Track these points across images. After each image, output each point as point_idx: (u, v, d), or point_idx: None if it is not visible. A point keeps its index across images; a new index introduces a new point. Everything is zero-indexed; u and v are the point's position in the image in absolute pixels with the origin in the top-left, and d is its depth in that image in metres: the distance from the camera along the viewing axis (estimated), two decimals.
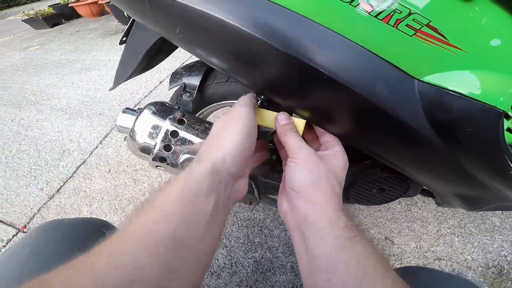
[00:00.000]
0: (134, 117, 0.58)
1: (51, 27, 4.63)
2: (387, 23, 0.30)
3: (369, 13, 0.30)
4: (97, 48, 3.00)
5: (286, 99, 0.38)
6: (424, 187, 0.60)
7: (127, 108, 0.62)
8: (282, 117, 0.40)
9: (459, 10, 0.30)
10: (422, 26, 0.30)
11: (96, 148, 1.43)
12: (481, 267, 0.93)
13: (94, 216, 1.08)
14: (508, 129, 0.44)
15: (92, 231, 0.44)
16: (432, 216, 1.05)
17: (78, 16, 5.01)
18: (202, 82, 0.71)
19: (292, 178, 0.35)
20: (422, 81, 0.32)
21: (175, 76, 0.72)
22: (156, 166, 0.58)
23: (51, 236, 0.40)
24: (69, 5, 4.81)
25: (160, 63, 0.77)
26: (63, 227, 0.42)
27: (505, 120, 0.43)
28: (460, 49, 0.31)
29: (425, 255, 0.94)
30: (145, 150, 0.56)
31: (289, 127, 0.39)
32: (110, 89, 0.74)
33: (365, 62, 0.31)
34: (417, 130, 0.34)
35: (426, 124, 0.34)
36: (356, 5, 0.30)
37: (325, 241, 0.29)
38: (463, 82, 0.31)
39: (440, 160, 0.38)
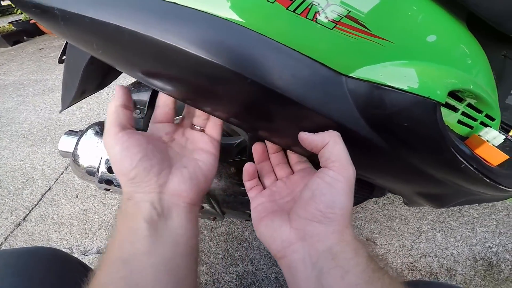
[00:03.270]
0: (76, 139, 0.54)
1: (12, 45, 4.34)
2: (306, 17, 0.28)
3: (287, 8, 0.28)
4: (61, 67, 2.82)
5: (216, 109, 0.36)
6: None
7: (70, 131, 0.58)
8: None
9: None
10: (342, 18, 0.28)
11: (61, 174, 1.36)
12: (469, 260, 0.93)
13: (65, 242, 1.05)
14: (459, 121, 0.44)
15: (38, 261, 0.41)
16: (411, 213, 1.05)
17: (41, 33, 4.75)
18: (154, 97, 0.68)
19: (329, 200, 0.28)
20: (351, 77, 0.30)
21: None
22: (105, 189, 0.54)
23: None
24: (31, 21, 4.51)
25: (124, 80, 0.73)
26: (4, 258, 0.39)
27: (453, 113, 0.43)
28: (386, 40, 0.29)
29: (410, 253, 0.93)
30: (91, 173, 0.52)
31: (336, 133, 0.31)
32: (60, 111, 0.69)
33: (287, 60, 0.28)
34: (354, 130, 0.31)
35: (363, 124, 0.31)
36: (274, 1, 0.28)
37: (351, 275, 0.25)
38: (392, 74, 0.29)
39: (388, 161, 0.36)
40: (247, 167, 0.38)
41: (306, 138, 0.31)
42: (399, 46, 0.30)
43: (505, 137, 0.74)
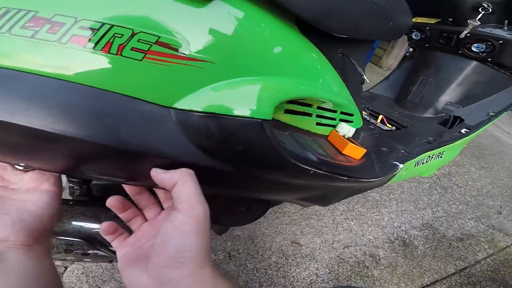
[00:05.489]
0: None
1: None
2: (109, 53, 0.24)
3: (84, 47, 0.24)
4: None
5: (46, 167, 0.31)
6: None
7: None
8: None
9: (194, 16, 0.27)
10: (151, 45, 0.25)
11: None
12: (386, 243, 1.01)
13: None
14: (319, 124, 0.47)
15: None
16: (323, 207, 1.09)
17: None
18: None
19: (177, 244, 0.27)
20: (175, 109, 0.27)
21: None
22: None
23: None
24: None
25: None
26: None
27: (309, 118, 0.45)
28: (205, 61, 0.27)
29: (333, 246, 0.97)
30: None
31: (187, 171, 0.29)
32: None
33: (98, 104, 0.24)
34: (194, 163, 0.29)
35: (201, 155, 0.29)
36: (67, 42, 0.24)
37: None
38: (213, 100, 0.28)
39: (245, 181, 0.35)
40: (105, 227, 0.35)
41: (157, 176, 0.29)
42: (220, 65, 0.28)
43: (373, 125, 0.85)
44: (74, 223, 0.49)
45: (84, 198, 0.51)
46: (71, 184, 0.53)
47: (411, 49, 1.22)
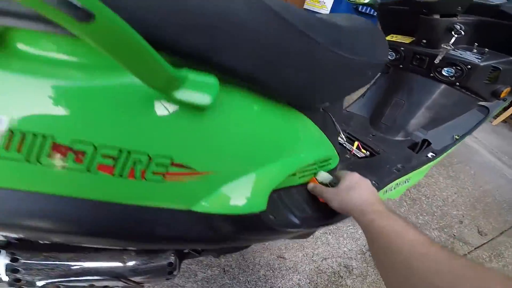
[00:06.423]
0: None
1: None
2: (134, 178, 0.29)
3: (113, 175, 0.28)
4: None
5: None
6: None
7: None
8: None
9: (196, 128, 0.30)
10: (168, 167, 0.29)
11: None
12: (359, 254, 1.11)
13: None
14: (301, 177, 0.52)
15: None
16: None
17: None
18: None
19: None
20: (192, 211, 0.34)
21: None
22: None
23: None
24: None
25: None
26: None
27: (293, 177, 0.49)
28: (211, 173, 0.33)
29: (313, 259, 1.06)
30: None
31: None
32: None
33: (137, 218, 0.31)
34: (202, 244, 0.38)
35: (208, 240, 0.37)
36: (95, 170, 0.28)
37: None
38: (218, 201, 0.34)
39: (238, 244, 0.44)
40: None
41: None
42: (223, 171, 0.34)
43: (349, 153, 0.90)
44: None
45: None
46: None
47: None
